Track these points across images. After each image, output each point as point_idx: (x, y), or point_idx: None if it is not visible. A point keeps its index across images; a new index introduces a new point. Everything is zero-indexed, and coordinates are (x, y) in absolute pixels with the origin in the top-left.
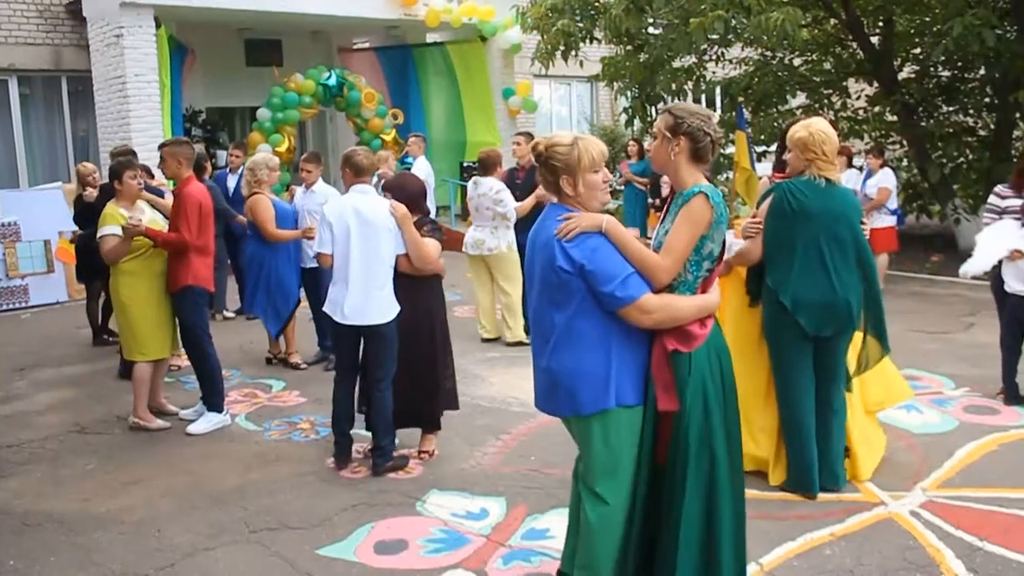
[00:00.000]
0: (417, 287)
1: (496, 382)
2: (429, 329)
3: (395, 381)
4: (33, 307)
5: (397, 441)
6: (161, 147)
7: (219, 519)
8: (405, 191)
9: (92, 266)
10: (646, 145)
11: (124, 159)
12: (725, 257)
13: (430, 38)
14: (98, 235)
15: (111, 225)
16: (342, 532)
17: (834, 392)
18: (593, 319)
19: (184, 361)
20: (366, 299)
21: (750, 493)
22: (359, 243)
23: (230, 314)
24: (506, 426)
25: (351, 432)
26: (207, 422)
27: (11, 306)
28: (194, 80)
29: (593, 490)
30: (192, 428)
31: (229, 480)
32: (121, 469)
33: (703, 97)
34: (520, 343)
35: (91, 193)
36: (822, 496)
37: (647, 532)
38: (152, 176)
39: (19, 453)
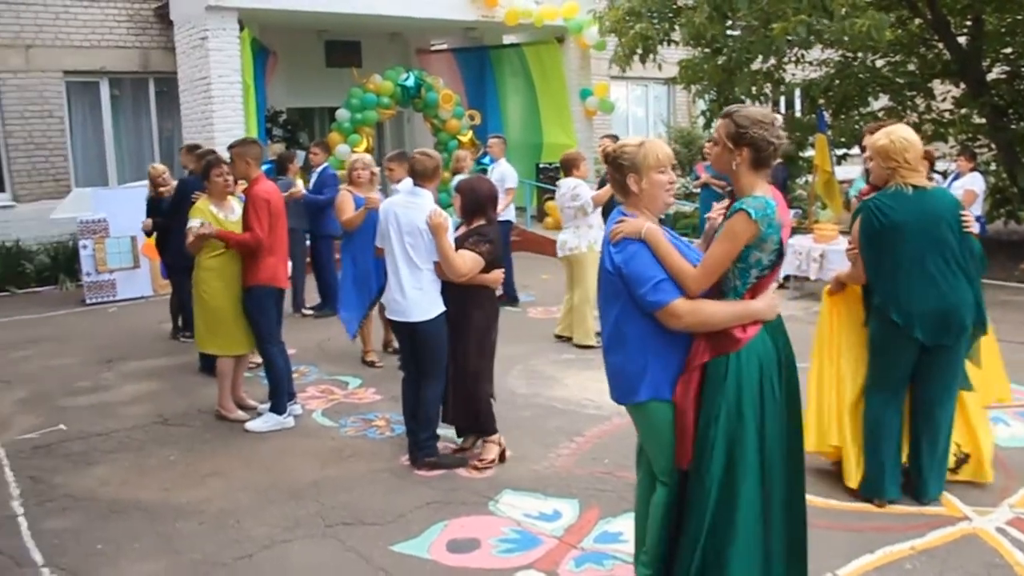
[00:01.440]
0: (462, 296)
1: (570, 384)
2: (467, 336)
3: (454, 387)
4: (120, 301)
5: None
6: (230, 148)
7: (296, 512)
8: (474, 194)
9: (173, 262)
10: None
11: (213, 158)
12: (833, 274)
13: (507, 40)
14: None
15: (196, 219)
16: (416, 529)
17: (941, 400)
18: (634, 319)
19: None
20: (404, 297)
21: (828, 503)
22: (398, 244)
23: (308, 311)
24: (580, 428)
25: None
26: (264, 422)
27: (99, 300)
28: (275, 81)
29: (657, 475)
30: (249, 425)
31: (306, 475)
32: (202, 461)
33: (782, 99)
34: (588, 346)
35: (168, 188)
36: (903, 508)
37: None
38: None
39: (107, 442)
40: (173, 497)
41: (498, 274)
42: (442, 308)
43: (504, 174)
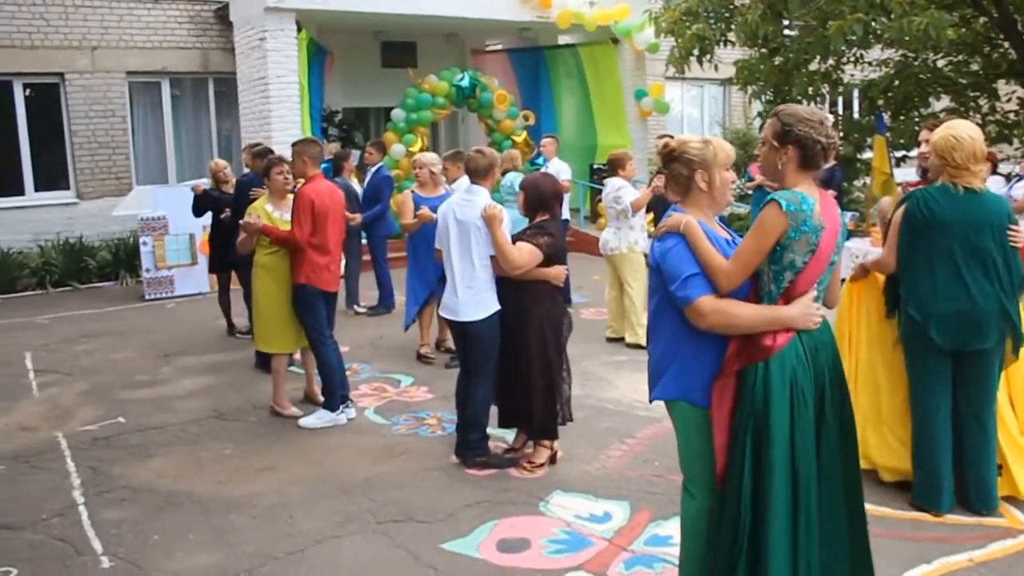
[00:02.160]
0: (521, 291)
1: (621, 385)
2: (525, 334)
3: (498, 380)
4: (178, 297)
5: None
6: (292, 146)
7: (347, 508)
8: (536, 191)
9: (222, 259)
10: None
11: (274, 157)
12: (859, 262)
13: (562, 40)
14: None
15: (251, 215)
16: (466, 528)
17: (984, 409)
18: (668, 314)
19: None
20: (457, 296)
21: (884, 511)
22: (455, 241)
23: (362, 309)
24: (631, 430)
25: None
26: (317, 418)
27: (158, 295)
28: (332, 81)
29: (684, 484)
30: (303, 421)
31: (357, 471)
32: (256, 455)
33: (840, 100)
34: (639, 346)
35: (229, 184)
36: (961, 519)
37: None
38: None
39: (163, 435)
40: (227, 490)
41: (560, 270)
42: (494, 309)
43: (558, 170)
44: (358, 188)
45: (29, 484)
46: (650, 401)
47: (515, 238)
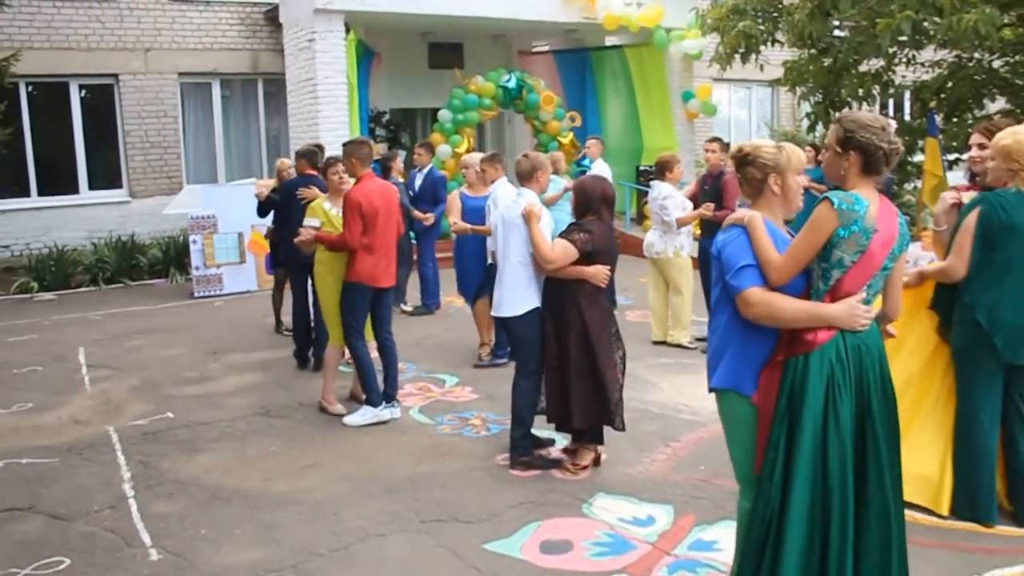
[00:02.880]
0: (563, 291)
1: (666, 388)
2: (566, 336)
3: (546, 380)
4: (226, 295)
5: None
6: (343, 147)
7: (391, 507)
8: (584, 193)
9: (276, 257)
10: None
11: (330, 157)
12: (916, 268)
13: (608, 41)
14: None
15: (310, 218)
16: (509, 528)
17: None
18: (725, 304)
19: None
20: (500, 293)
21: (932, 521)
22: (501, 240)
23: (407, 309)
24: (676, 433)
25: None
26: (361, 415)
27: (207, 293)
28: (379, 82)
29: (737, 480)
30: (347, 419)
31: (401, 470)
32: (301, 453)
33: (891, 102)
34: (680, 346)
35: (262, 190)
36: (1012, 531)
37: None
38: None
39: (211, 430)
40: (273, 487)
41: (599, 269)
42: (531, 306)
43: (600, 172)
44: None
45: (82, 476)
46: (709, 391)
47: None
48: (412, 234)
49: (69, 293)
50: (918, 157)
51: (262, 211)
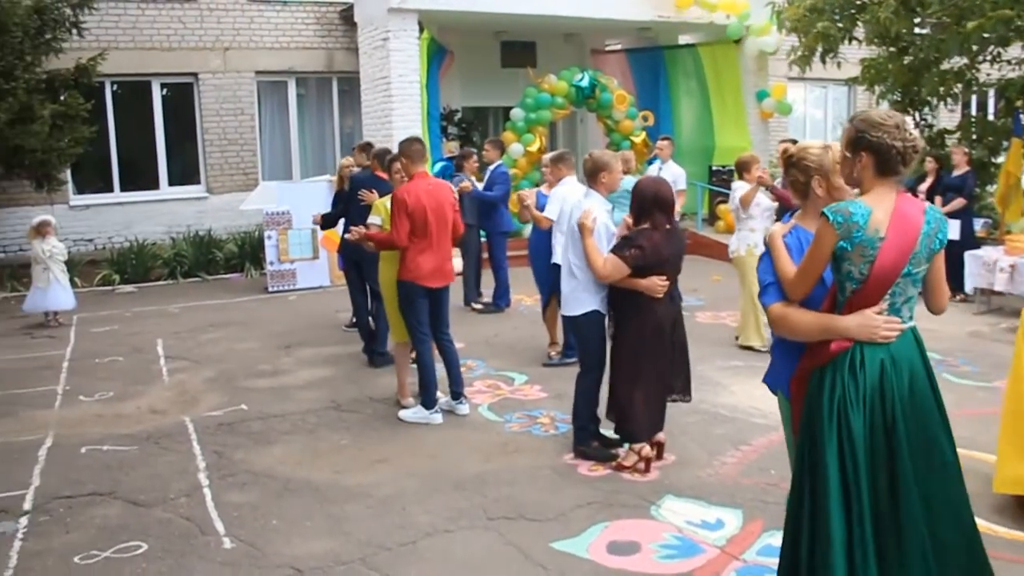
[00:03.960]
0: (619, 298)
1: (737, 391)
2: (617, 339)
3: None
4: (299, 290)
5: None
6: (399, 145)
7: (459, 503)
8: (640, 196)
9: (346, 255)
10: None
11: (394, 154)
12: None
13: (682, 40)
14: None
15: (373, 215)
16: (576, 528)
17: None
18: None
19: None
20: (564, 293)
21: (1013, 535)
22: (567, 241)
23: (478, 306)
24: (746, 437)
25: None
26: (413, 413)
27: (281, 288)
28: (451, 80)
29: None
30: (401, 413)
31: (470, 467)
32: (371, 447)
33: (973, 100)
34: (749, 348)
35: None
36: None
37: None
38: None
39: (283, 423)
40: (343, 480)
41: (653, 281)
42: (589, 308)
43: (675, 176)
44: (478, 186)
45: (159, 464)
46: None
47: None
48: (482, 233)
49: (148, 286)
50: (1002, 158)
51: (327, 225)
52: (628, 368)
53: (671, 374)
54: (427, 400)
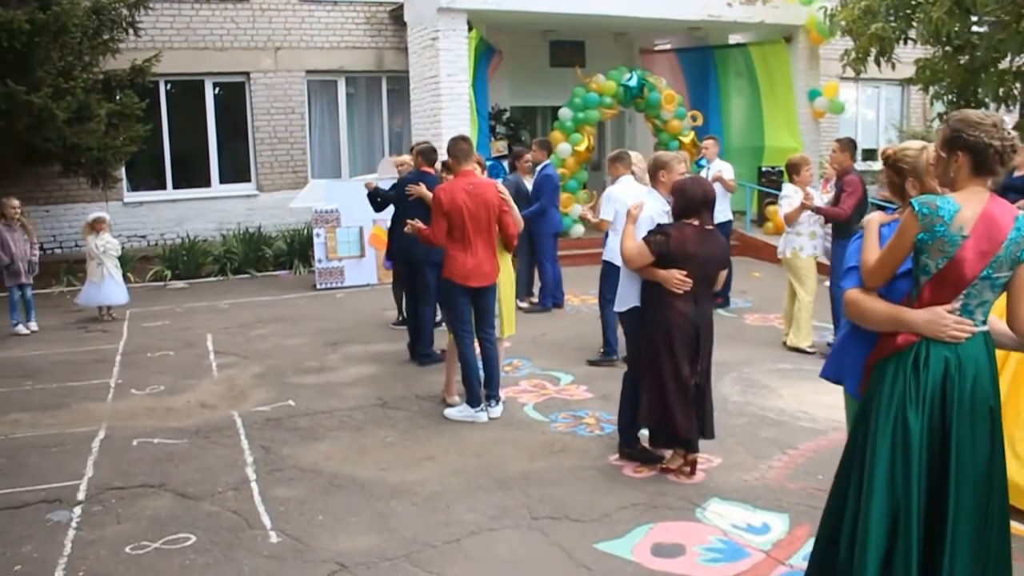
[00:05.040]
0: (644, 293)
1: (785, 394)
2: (640, 336)
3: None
4: (347, 287)
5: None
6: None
7: (503, 502)
8: (683, 196)
9: (397, 252)
10: None
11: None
12: None
13: (732, 39)
14: None
15: None
16: (620, 529)
17: None
18: None
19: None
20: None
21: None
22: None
23: (523, 305)
24: (793, 441)
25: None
26: (458, 411)
27: (329, 285)
28: (499, 79)
29: None
30: (446, 412)
31: (514, 466)
32: (417, 444)
33: None
34: (797, 349)
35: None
36: None
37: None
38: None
39: (330, 419)
40: (389, 477)
41: (670, 274)
42: (631, 304)
43: (721, 169)
44: (528, 186)
45: (208, 458)
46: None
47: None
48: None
49: (199, 282)
50: None
51: (375, 205)
52: (647, 368)
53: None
54: (471, 398)
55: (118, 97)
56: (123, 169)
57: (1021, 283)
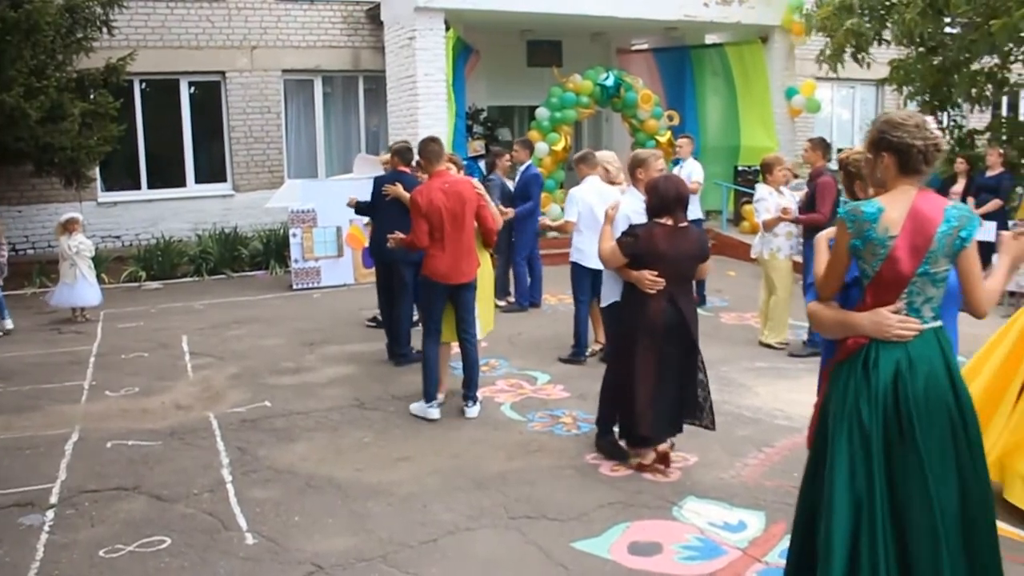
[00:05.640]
0: (624, 290)
1: (762, 392)
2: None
3: None
4: (323, 287)
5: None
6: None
7: (480, 502)
8: (656, 194)
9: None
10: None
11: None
12: None
13: (708, 39)
14: None
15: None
16: (597, 528)
17: None
18: None
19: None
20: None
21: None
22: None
23: (500, 304)
24: (769, 439)
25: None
26: (416, 406)
27: (305, 285)
28: (477, 79)
29: None
30: (412, 406)
31: (491, 466)
32: (393, 445)
33: (1004, 101)
34: (768, 346)
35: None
36: None
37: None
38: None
39: (306, 420)
40: (365, 477)
41: (643, 274)
42: (612, 299)
43: (690, 171)
44: (510, 186)
45: (183, 460)
46: None
47: None
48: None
49: (174, 283)
50: None
51: (360, 214)
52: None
53: (675, 385)
54: (425, 394)
55: (92, 96)
56: (97, 169)
57: (967, 269)
